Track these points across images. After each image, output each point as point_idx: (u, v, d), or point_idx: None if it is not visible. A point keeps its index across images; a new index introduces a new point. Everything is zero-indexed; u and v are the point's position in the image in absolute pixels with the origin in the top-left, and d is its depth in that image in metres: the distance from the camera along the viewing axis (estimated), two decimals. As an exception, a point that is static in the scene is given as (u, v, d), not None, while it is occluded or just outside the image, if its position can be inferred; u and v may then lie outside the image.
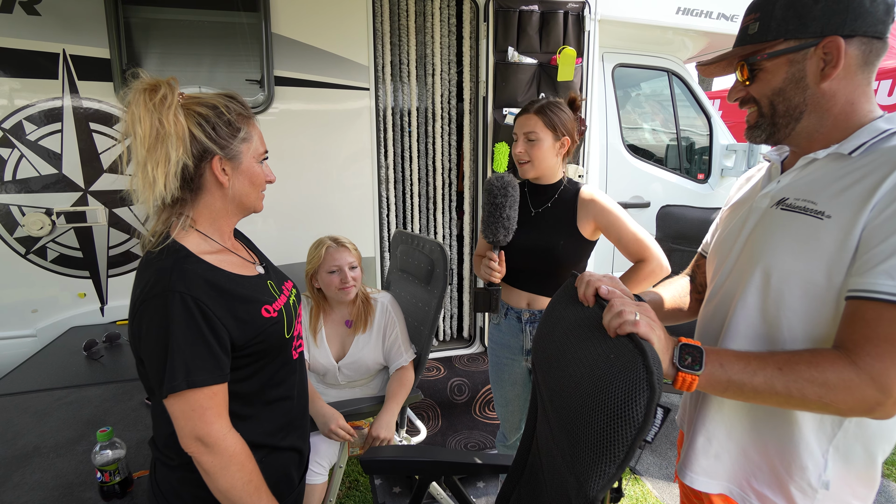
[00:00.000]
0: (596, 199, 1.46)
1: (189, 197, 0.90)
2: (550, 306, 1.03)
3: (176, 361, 0.80)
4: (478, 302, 1.48)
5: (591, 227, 1.48)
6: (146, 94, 0.81)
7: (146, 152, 0.81)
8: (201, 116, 0.86)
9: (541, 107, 1.47)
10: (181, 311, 0.80)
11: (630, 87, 3.56)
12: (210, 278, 0.86)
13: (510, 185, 1.37)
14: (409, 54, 2.59)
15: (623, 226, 1.44)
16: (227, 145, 0.89)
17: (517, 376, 1.65)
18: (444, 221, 2.87)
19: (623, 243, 1.45)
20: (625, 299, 0.77)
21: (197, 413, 0.82)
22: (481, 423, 2.46)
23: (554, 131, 1.46)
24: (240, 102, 0.92)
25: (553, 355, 0.93)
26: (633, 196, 3.22)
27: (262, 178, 0.97)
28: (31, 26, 1.97)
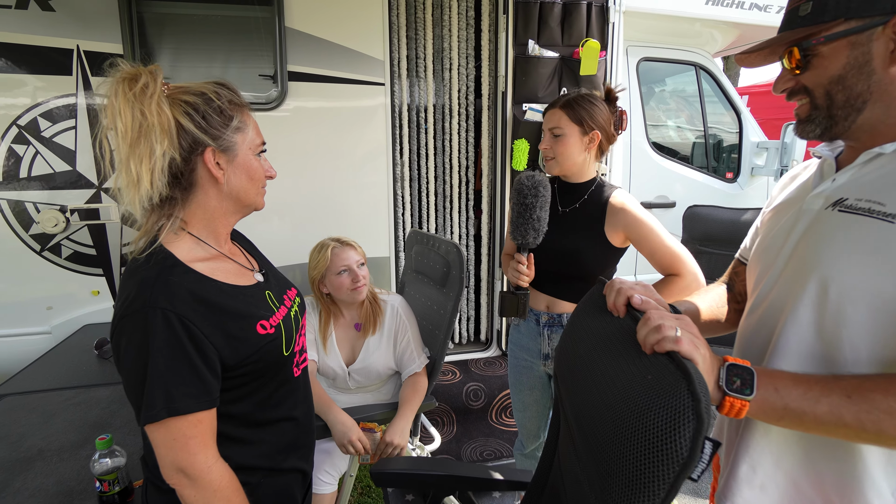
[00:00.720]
0: (627, 209, 1.36)
1: (180, 196, 0.82)
2: (576, 315, 0.95)
3: (155, 386, 0.72)
4: (504, 306, 1.40)
5: (621, 237, 1.38)
6: (125, 83, 0.74)
7: (128, 148, 0.74)
8: (189, 105, 0.79)
9: (567, 100, 1.39)
10: (163, 330, 0.72)
11: (655, 83, 3.43)
12: (198, 291, 0.78)
13: (541, 184, 1.28)
14: (425, 48, 2.52)
15: (656, 239, 1.33)
16: (220, 135, 0.81)
17: (535, 380, 1.57)
18: (461, 221, 2.79)
19: (656, 257, 1.35)
20: (662, 311, 0.69)
21: (179, 443, 0.74)
22: (498, 430, 2.38)
23: (580, 126, 1.37)
24: (231, 90, 0.85)
25: (578, 370, 0.85)
26: (658, 196, 3.10)
27: (261, 172, 0.89)
28: (46, 22, 1.95)
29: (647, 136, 3.04)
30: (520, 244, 1.34)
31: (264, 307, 0.88)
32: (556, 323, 1.46)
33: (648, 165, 3.04)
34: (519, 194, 1.30)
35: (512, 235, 1.35)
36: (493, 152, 2.62)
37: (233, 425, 0.85)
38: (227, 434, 0.84)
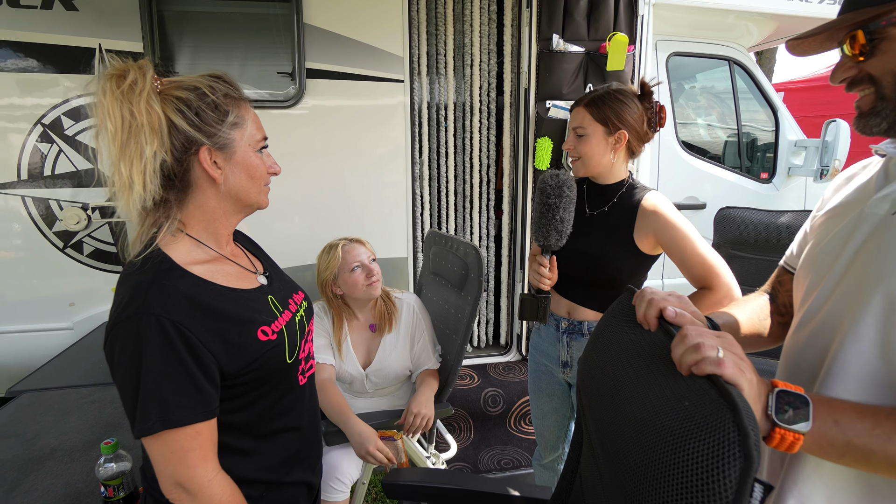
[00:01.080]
0: (659, 211, 1.26)
1: (176, 197, 0.78)
2: (602, 325, 0.87)
3: (149, 397, 0.68)
4: (523, 309, 1.33)
5: (651, 242, 1.29)
6: (113, 81, 0.69)
7: (119, 149, 0.70)
8: (181, 101, 0.74)
9: (592, 98, 1.30)
10: (157, 337, 0.68)
11: (685, 79, 3.29)
12: (195, 296, 0.74)
13: (566, 183, 1.21)
14: (446, 44, 2.46)
15: (689, 245, 1.23)
16: (215, 132, 0.76)
17: (554, 387, 1.50)
18: (482, 221, 2.72)
19: (687, 265, 1.25)
20: (700, 328, 0.61)
21: (177, 456, 0.70)
22: (516, 437, 2.30)
23: (605, 125, 1.28)
24: (227, 82, 0.80)
25: (604, 386, 0.78)
26: (688, 196, 2.97)
27: (263, 169, 0.84)
28: (70, 21, 1.97)
29: (676, 134, 2.91)
30: (542, 246, 1.28)
31: (266, 312, 0.83)
32: (576, 330, 1.39)
33: (678, 165, 2.91)
34: (542, 193, 1.23)
35: (534, 236, 1.28)
36: (515, 151, 2.55)
37: (233, 436, 0.81)
38: (227, 445, 0.80)
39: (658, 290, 0.75)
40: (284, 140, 2.21)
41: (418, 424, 1.44)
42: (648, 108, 1.32)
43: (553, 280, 1.31)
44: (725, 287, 1.22)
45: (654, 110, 1.33)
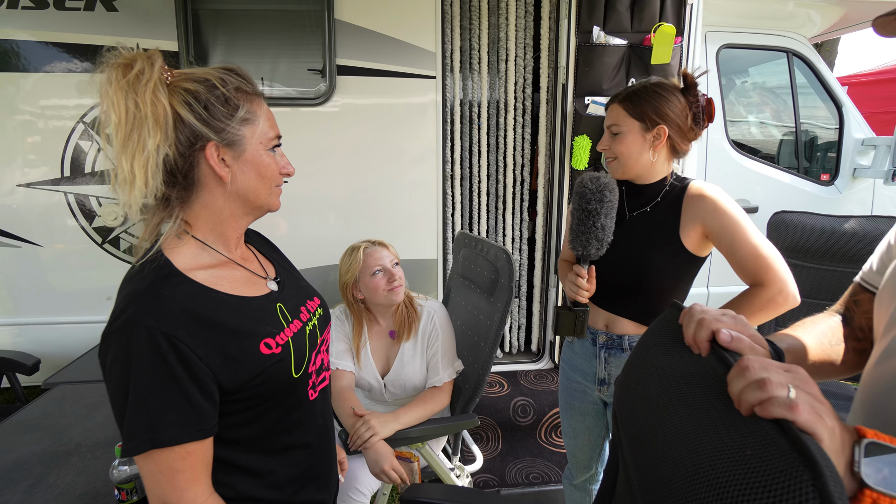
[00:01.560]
0: (706, 195, 1.14)
1: (181, 195, 0.73)
2: (643, 346, 0.77)
3: (137, 414, 0.63)
4: (559, 324, 1.23)
5: (698, 235, 1.16)
6: (119, 71, 0.65)
7: (121, 142, 0.66)
8: (189, 93, 0.69)
9: (628, 93, 1.19)
10: (148, 351, 0.63)
11: (737, 73, 3.08)
12: (193, 305, 0.69)
13: (607, 187, 1.10)
14: (480, 38, 2.38)
15: (740, 232, 1.10)
16: (224, 128, 0.71)
17: (588, 406, 1.39)
18: (515, 223, 2.63)
19: (737, 257, 1.11)
20: (765, 359, 0.51)
21: (165, 476, 0.65)
22: (547, 450, 2.20)
23: (642, 121, 1.17)
24: (240, 75, 0.75)
25: (644, 418, 0.68)
26: (738, 199, 2.76)
27: (275, 169, 0.78)
28: (110, 22, 2.01)
29: (726, 133, 2.72)
30: (580, 255, 1.17)
31: (272, 322, 0.78)
32: (615, 345, 1.28)
33: (727, 165, 2.72)
34: (581, 198, 1.12)
35: (571, 245, 1.17)
36: (551, 150, 2.44)
37: (238, 452, 0.76)
38: (231, 461, 0.76)
39: (709, 308, 0.65)
40: (314, 138, 2.19)
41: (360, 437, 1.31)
42: (693, 102, 1.19)
43: (591, 292, 1.20)
44: (780, 282, 1.08)
45: (701, 104, 1.20)
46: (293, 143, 2.18)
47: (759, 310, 1.11)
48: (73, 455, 1.28)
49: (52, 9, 2.00)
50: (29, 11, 2.01)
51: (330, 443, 0.92)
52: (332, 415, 0.94)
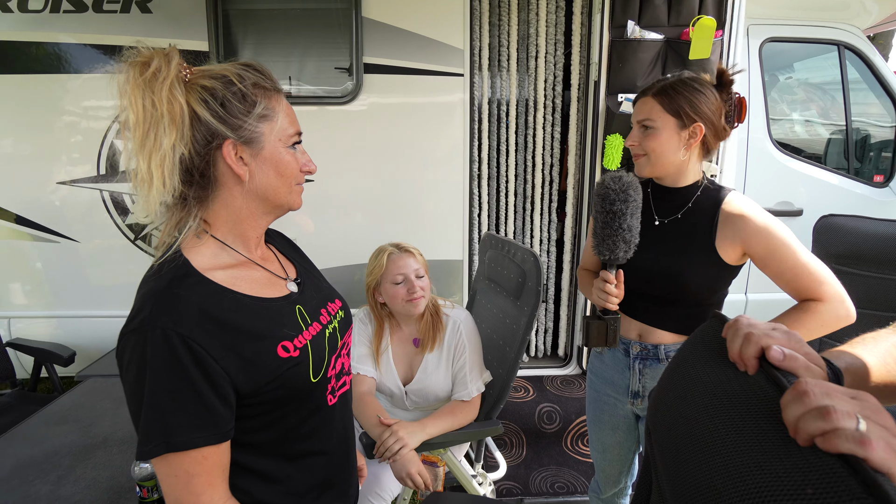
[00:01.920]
0: (747, 216, 1.07)
1: (199, 195, 0.71)
2: (682, 359, 0.71)
3: (152, 416, 0.62)
4: (590, 334, 1.15)
5: (737, 252, 1.09)
6: (137, 69, 0.64)
7: (138, 142, 0.65)
8: (206, 91, 0.67)
9: (662, 87, 1.12)
10: (163, 352, 0.61)
11: (780, 69, 2.92)
12: (210, 307, 0.67)
13: (631, 186, 1.04)
14: (509, 35, 2.32)
15: (789, 255, 1.03)
16: (241, 125, 0.69)
17: (619, 420, 1.31)
18: (543, 224, 2.56)
19: (787, 277, 1.05)
20: (825, 383, 0.45)
21: (181, 480, 0.64)
22: (573, 459, 2.13)
23: (678, 117, 1.10)
24: (259, 71, 0.72)
25: (683, 440, 0.62)
26: (780, 202, 2.62)
27: (295, 166, 0.76)
28: (144, 24, 2.05)
29: (768, 131, 2.58)
30: (607, 260, 1.10)
31: (290, 324, 0.76)
32: (650, 355, 1.20)
33: (770, 166, 2.58)
34: (604, 200, 1.05)
35: (596, 250, 1.10)
36: (582, 149, 2.36)
37: (254, 457, 0.74)
38: (247, 466, 0.74)
39: (757, 321, 0.59)
40: (340, 137, 2.19)
41: (386, 447, 1.27)
42: (727, 101, 1.12)
43: (620, 298, 1.13)
44: (836, 300, 1.01)
45: (733, 103, 1.13)
46: (319, 142, 2.19)
47: (815, 327, 1.03)
48: (100, 448, 1.30)
49: (90, 12, 2.06)
50: (70, 15, 2.08)
51: (349, 451, 0.89)
52: (352, 422, 0.91)
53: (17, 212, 2.23)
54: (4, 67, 2.12)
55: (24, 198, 2.23)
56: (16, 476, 1.20)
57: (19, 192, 2.22)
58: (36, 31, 2.10)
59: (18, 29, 2.09)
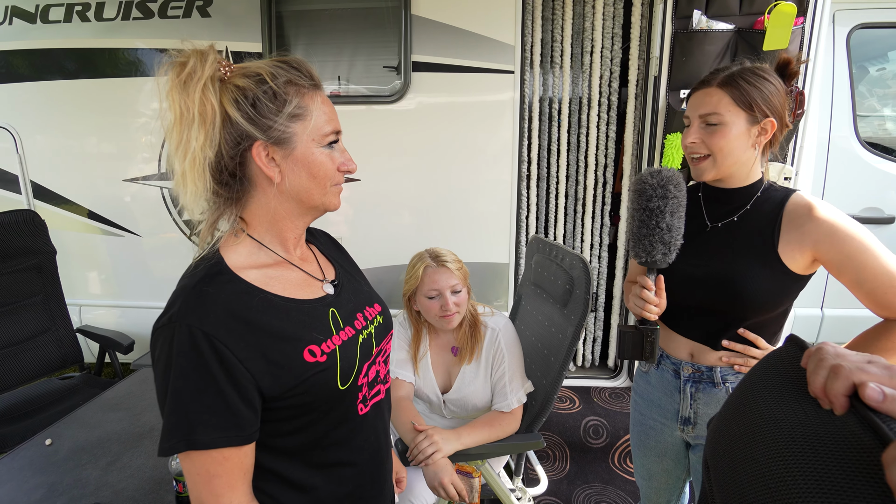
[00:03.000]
0: (820, 216, 0.93)
1: (234, 195, 0.71)
2: (749, 390, 0.61)
3: (176, 413, 0.61)
4: (624, 345, 1.05)
5: (806, 258, 0.95)
6: (175, 70, 0.63)
7: (175, 143, 0.64)
8: (240, 90, 0.65)
9: (729, 76, 0.98)
10: (188, 350, 0.61)
11: (871, 59, 2.62)
12: (237, 306, 0.65)
13: (671, 181, 0.93)
14: (563, 29, 2.22)
15: (870, 259, 0.89)
16: (271, 125, 0.67)
17: (667, 447, 1.19)
18: (595, 228, 2.44)
19: (867, 288, 0.90)
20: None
21: (203, 479, 0.63)
22: (620, 478, 2.00)
23: (750, 110, 0.96)
24: (294, 67, 0.69)
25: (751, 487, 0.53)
26: (867, 207, 2.35)
27: (330, 167, 0.72)
28: (204, 27, 2.13)
29: (855, 129, 2.32)
30: (645, 263, 0.99)
31: (320, 328, 0.73)
32: (704, 379, 1.08)
33: (856, 168, 2.32)
34: (640, 196, 0.95)
35: (633, 252, 0.99)
36: (639, 149, 2.22)
37: (282, 462, 0.72)
38: (274, 471, 0.72)
39: (847, 350, 0.49)
40: (387, 136, 2.18)
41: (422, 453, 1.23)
42: (789, 92, 0.99)
43: (661, 307, 1.01)
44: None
45: (794, 95, 1.01)
46: (367, 141, 2.19)
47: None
48: (147, 438, 1.34)
49: (156, 18, 2.17)
50: (139, 21, 2.20)
51: (382, 464, 0.85)
52: (387, 433, 0.87)
53: (89, 207, 2.40)
54: (85, 72, 2.27)
55: (96, 194, 2.39)
56: (71, 458, 1.26)
57: (92, 189, 2.38)
58: (110, 38, 2.23)
59: (96, 36, 2.24)
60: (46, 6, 2.22)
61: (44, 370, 2.03)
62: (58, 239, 2.08)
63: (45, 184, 2.39)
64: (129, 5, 2.18)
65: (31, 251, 2.01)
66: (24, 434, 1.59)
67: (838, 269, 0.93)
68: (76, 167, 2.37)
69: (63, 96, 2.29)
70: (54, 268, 2.09)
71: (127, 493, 1.12)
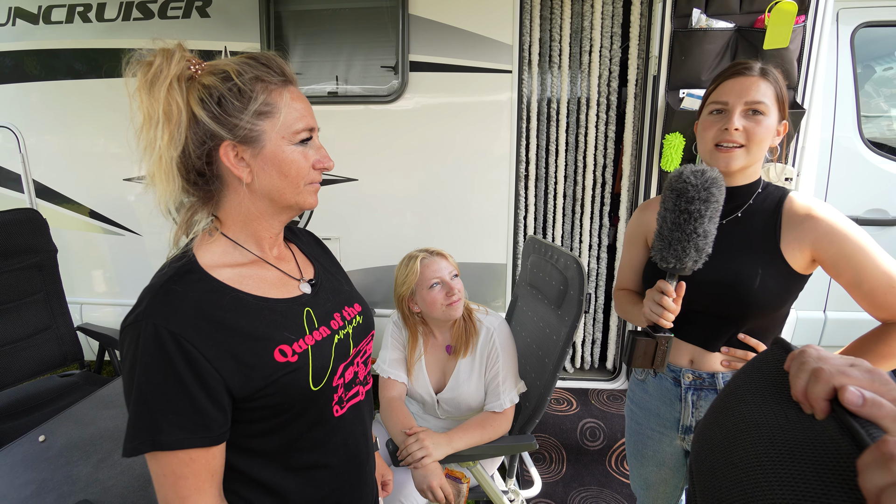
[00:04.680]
0: (817, 215, 0.93)
1: (206, 195, 0.70)
2: (732, 393, 0.60)
3: (140, 412, 0.60)
4: (634, 353, 0.99)
5: (807, 257, 0.94)
6: (142, 71, 0.63)
7: (144, 144, 0.64)
8: (206, 89, 0.64)
9: (765, 69, 0.97)
10: (154, 350, 0.60)
11: (877, 59, 2.58)
12: (206, 305, 0.64)
13: (715, 183, 0.87)
14: (561, 28, 2.21)
15: (867, 259, 0.88)
16: (237, 123, 0.66)
17: (665, 456, 1.17)
18: (593, 228, 2.42)
19: (865, 289, 0.89)
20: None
21: (169, 480, 0.62)
22: (616, 481, 1.99)
23: (781, 107, 0.97)
24: (263, 63, 0.67)
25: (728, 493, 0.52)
26: (871, 209, 2.32)
27: (303, 165, 0.71)
28: (203, 28, 2.14)
29: (859, 130, 2.29)
30: (670, 268, 0.93)
31: (293, 328, 0.72)
32: (705, 385, 1.06)
33: (859, 168, 2.29)
34: (680, 197, 0.88)
35: (659, 255, 0.93)
36: (638, 149, 2.21)
37: (255, 464, 0.71)
38: (248, 473, 0.71)
39: (829, 353, 0.48)
40: (385, 136, 2.18)
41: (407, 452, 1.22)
42: None
43: (676, 313, 0.97)
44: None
45: None
46: (364, 140, 2.19)
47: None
48: (139, 436, 1.35)
49: (156, 18, 2.18)
50: (139, 22, 2.21)
51: (361, 466, 0.84)
52: (367, 435, 0.86)
53: (90, 206, 2.41)
54: (87, 72, 2.29)
55: (98, 193, 2.40)
56: (63, 455, 1.26)
57: (93, 188, 2.40)
58: (111, 39, 2.25)
59: (98, 37, 2.26)
60: (49, 7, 2.24)
61: (44, 367, 2.05)
62: (59, 238, 2.10)
63: (48, 183, 2.41)
64: (130, 6, 2.19)
65: (32, 249, 2.02)
66: (22, 431, 1.59)
67: (836, 268, 0.92)
68: (78, 166, 2.39)
69: (65, 96, 2.31)
70: (55, 266, 2.10)
71: (116, 490, 1.12)
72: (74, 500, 1.09)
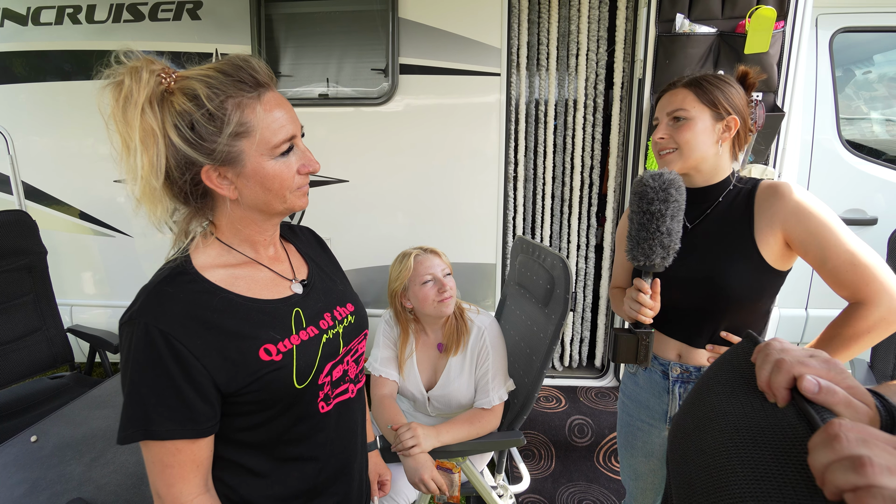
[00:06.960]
0: (784, 193, 0.97)
1: (196, 210, 0.72)
2: (704, 385, 0.63)
3: (133, 404, 0.64)
4: (618, 349, 1.04)
5: (779, 243, 0.98)
6: (113, 93, 0.62)
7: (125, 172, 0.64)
8: (178, 115, 0.63)
9: (692, 78, 1.07)
10: (144, 346, 0.64)
11: (856, 63, 2.65)
12: (196, 305, 0.67)
13: (672, 184, 0.94)
14: (549, 32, 2.25)
15: (831, 236, 0.92)
16: (214, 147, 0.65)
17: (654, 447, 1.21)
18: (581, 229, 2.46)
19: (829, 267, 0.93)
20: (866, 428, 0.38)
21: (157, 467, 0.66)
22: (604, 476, 2.02)
23: (714, 107, 1.03)
24: (231, 76, 0.65)
25: (697, 477, 0.55)
26: (851, 209, 2.38)
27: (286, 175, 0.71)
28: (194, 30, 2.15)
29: (838, 132, 2.35)
30: (642, 266, 0.99)
31: (280, 327, 0.74)
32: (692, 379, 1.10)
33: (839, 169, 2.35)
34: (641, 199, 0.96)
35: (630, 255, 1.00)
36: (624, 151, 2.25)
37: (245, 454, 0.75)
38: (239, 462, 0.75)
39: (792, 346, 0.51)
40: (375, 138, 2.20)
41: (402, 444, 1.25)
42: (749, 102, 1.07)
43: (655, 310, 1.02)
44: (888, 295, 0.89)
45: (753, 106, 1.09)
46: (355, 142, 2.21)
47: (866, 332, 0.92)
48: (132, 435, 1.36)
49: (147, 20, 2.19)
50: (129, 24, 2.21)
51: (349, 460, 0.86)
52: (356, 431, 0.89)
53: (80, 208, 2.41)
54: (76, 74, 2.28)
55: (87, 195, 2.40)
56: (56, 455, 1.27)
57: (83, 190, 2.40)
58: (101, 40, 2.25)
59: (88, 38, 2.25)
60: (38, 8, 2.24)
61: (34, 370, 2.04)
62: (49, 239, 2.09)
63: (37, 184, 2.40)
64: (120, 8, 2.19)
65: (21, 251, 2.02)
66: (13, 432, 1.59)
67: (804, 247, 0.96)
68: (67, 168, 2.38)
69: (54, 97, 2.30)
70: (45, 268, 2.10)
71: (109, 489, 1.14)
72: (68, 499, 1.10)
